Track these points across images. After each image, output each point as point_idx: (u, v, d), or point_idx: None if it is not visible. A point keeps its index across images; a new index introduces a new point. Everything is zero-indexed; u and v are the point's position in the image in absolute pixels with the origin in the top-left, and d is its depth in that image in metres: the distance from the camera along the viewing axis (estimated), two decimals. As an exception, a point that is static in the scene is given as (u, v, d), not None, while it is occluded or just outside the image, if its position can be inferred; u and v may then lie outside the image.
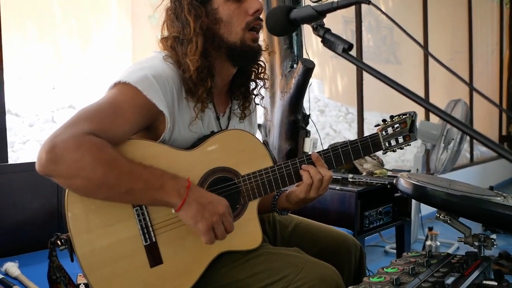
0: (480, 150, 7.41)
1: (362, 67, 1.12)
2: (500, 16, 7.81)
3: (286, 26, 1.31)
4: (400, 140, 1.58)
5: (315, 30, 1.19)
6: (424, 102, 0.98)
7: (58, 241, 1.32)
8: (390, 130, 1.57)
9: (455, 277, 1.25)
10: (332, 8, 1.16)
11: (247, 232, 1.48)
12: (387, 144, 1.57)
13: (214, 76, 1.46)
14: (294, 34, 3.15)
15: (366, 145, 1.56)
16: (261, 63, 1.60)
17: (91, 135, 1.23)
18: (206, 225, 1.31)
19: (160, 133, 1.40)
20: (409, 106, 1.05)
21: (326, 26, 1.18)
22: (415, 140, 1.60)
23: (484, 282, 1.30)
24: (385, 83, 1.04)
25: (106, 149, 1.24)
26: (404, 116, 1.58)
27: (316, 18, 1.19)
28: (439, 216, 1.71)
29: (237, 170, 1.46)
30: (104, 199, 1.29)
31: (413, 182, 1.68)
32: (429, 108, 0.97)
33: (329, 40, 1.15)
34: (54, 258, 1.36)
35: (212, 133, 1.48)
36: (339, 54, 1.14)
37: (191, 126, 1.44)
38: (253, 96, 1.66)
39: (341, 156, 1.54)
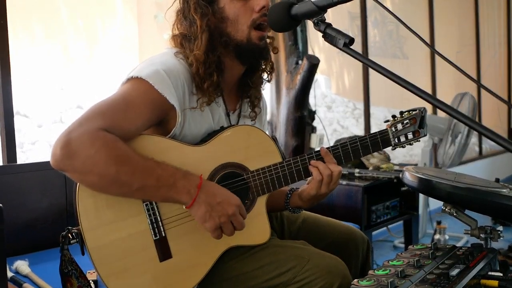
0: (489, 143, 7.36)
1: (364, 61, 1.13)
2: (507, 8, 7.74)
3: (288, 22, 1.32)
4: (410, 136, 1.57)
5: (316, 25, 1.20)
6: (428, 96, 0.98)
7: (70, 235, 1.35)
8: (399, 126, 1.56)
9: (460, 269, 1.25)
10: (333, 3, 1.17)
11: (256, 227, 1.49)
12: (396, 140, 1.56)
13: (222, 71, 1.48)
14: (299, 30, 3.16)
15: (376, 141, 1.55)
16: (269, 59, 1.60)
17: (105, 131, 1.26)
18: (213, 225, 1.35)
19: (170, 128, 1.42)
20: (417, 100, 1.05)
21: (332, 22, 1.19)
22: (425, 136, 1.59)
23: (490, 273, 1.30)
24: (387, 77, 1.05)
25: (119, 145, 1.27)
26: (414, 112, 1.57)
27: (317, 13, 1.20)
28: (445, 209, 1.71)
29: (246, 166, 1.48)
30: (116, 195, 1.32)
31: (418, 175, 1.68)
32: (434, 102, 0.97)
33: (330, 34, 1.16)
34: (66, 251, 1.38)
35: (222, 129, 1.50)
36: (340, 49, 1.14)
37: (193, 119, 1.45)
38: (262, 93, 1.67)
39: (350, 152, 1.54)
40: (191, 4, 1.46)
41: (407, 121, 1.56)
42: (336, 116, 5.67)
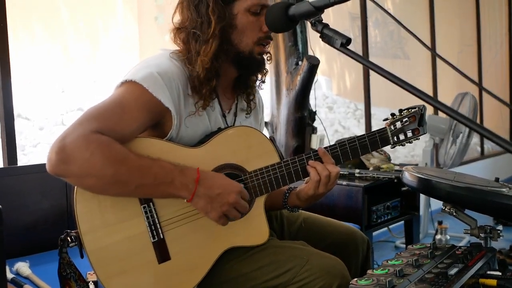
0: (491, 143, 7.34)
1: (361, 62, 1.13)
2: (508, 7, 7.72)
3: (285, 22, 1.33)
4: (409, 134, 1.55)
5: (313, 25, 1.20)
6: (427, 96, 0.98)
7: (68, 238, 1.35)
8: (398, 124, 1.55)
9: (459, 268, 1.26)
10: (330, 3, 1.17)
11: (254, 228, 1.49)
12: (395, 139, 1.55)
13: (220, 76, 1.48)
14: (298, 31, 3.16)
15: (374, 140, 1.54)
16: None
17: (99, 133, 1.26)
18: (216, 215, 1.36)
19: (167, 131, 1.42)
20: (419, 100, 1.05)
21: (333, 22, 1.19)
22: (424, 133, 1.57)
23: (488, 272, 1.30)
24: (385, 77, 1.05)
25: (114, 146, 1.27)
26: (413, 110, 1.55)
27: (314, 13, 1.20)
28: (444, 209, 1.71)
29: (244, 167, 1.48)
30: (116, 196, 1.33)
31: (418, 175, 1.68)
32: (433, 103, 0.97)
33: (327, 35, 1.16)
34: (64, 254, 1.39)
35: (219, 130, 1.49)
36: (337, 49, 1.15)
37: (190, 121, 1.45)
38: (257, 89, 1.67)
39: (349, 152, 1.53)
40: (210, 1, 1.41)
41: (406, 119, 1.55)
42: (338, 116, 5.67)
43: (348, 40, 1.14)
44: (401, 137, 1.55)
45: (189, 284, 1.41)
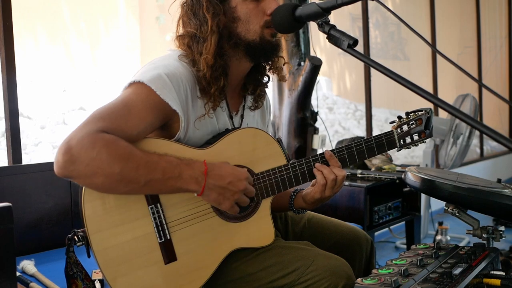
0: (491, 145, 7.37)
1: (368, 63, 1.14)
2: (508, 9, 7.74)
3: (292, 23, 1.34)
4: (415, 137, 1.56)
5: (320, 27, 1.21)
6: (431, 96, 0.99)
7: (76, 237, 1.35)
8: (405, 127, 1.55)
9: (463, 268, 1.27)
10: (337, 5, 1.18)
11: (260, 230, 1.49)
12: (401, 142, 1.55)
13: (227, 75, 1.47)
14: (301, 32, 3.17)
15: (381, 143, 1.54)
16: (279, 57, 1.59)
17: (104, 132, 1.26)
18: (229, 204, 1.38)
19: (175, 132, 1.42)
20: (418, 101, 1.06)
21: (333, 23, 1.20)
22: (431, 137, 1.58)
23: (492, 272, 1.32)
24: (391, 78, 1.06)
25: (120, 143, 1.26)
26: (420, 113, 1.55)
27: (321, 15, 1.22)
28: (447, 209, 1.72)
29: (251, 168, 1.47)
30: (125, 193, 1.33)
31: (421, 175, 1.69)
32: (437, 102, 0.98)
33: (334, 36, 1.17)
34: (71, 253, 1.38)
35: (227, 131, 1.49)
36: (345, 50, 1.16)
37: (197, 122, 1.44)
38: (265, 88, 1.65)
39: (355, 155, 1.53)
40: (203, 1, 1.42)
41: (413, 122, 1.55)
42: (338, 117, 5.68)
43: (355, 42, 1.15)
44: (407, 140, 1.56)
45: (195, 284, 1.41)
